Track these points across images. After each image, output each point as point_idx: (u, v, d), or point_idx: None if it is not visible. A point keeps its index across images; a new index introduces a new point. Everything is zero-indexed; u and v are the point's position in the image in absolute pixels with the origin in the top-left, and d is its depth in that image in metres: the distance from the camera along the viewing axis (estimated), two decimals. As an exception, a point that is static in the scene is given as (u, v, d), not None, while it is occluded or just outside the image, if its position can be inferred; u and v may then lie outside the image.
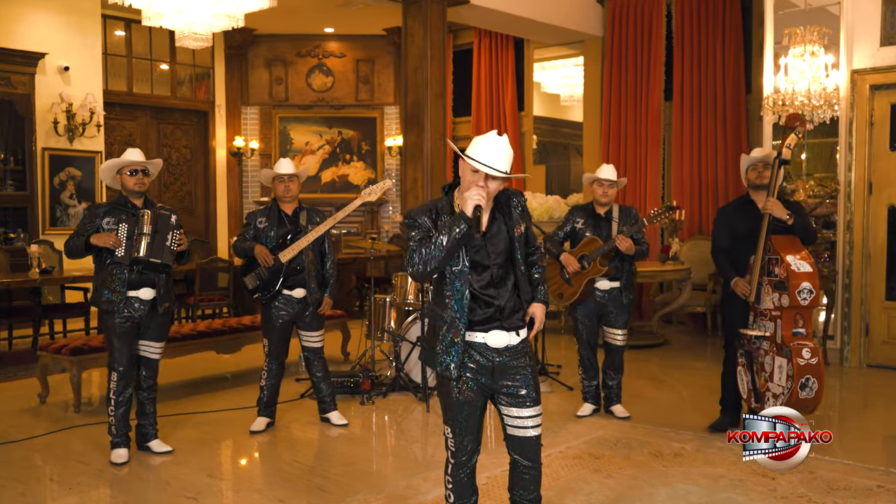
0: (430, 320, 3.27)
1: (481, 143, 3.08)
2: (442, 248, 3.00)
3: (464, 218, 2.98)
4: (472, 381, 3.16)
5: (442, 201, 3.22)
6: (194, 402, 6.36)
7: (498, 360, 3.16)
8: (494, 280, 3.14)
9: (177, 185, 12.25)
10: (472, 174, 3.07)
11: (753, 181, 5.34)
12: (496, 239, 3.17)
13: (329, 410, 5.71)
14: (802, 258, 4.98)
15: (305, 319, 5.54)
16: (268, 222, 5.50)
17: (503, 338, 3.16)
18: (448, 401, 3.21)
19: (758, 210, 5.27)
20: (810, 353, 4.89)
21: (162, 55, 12.06)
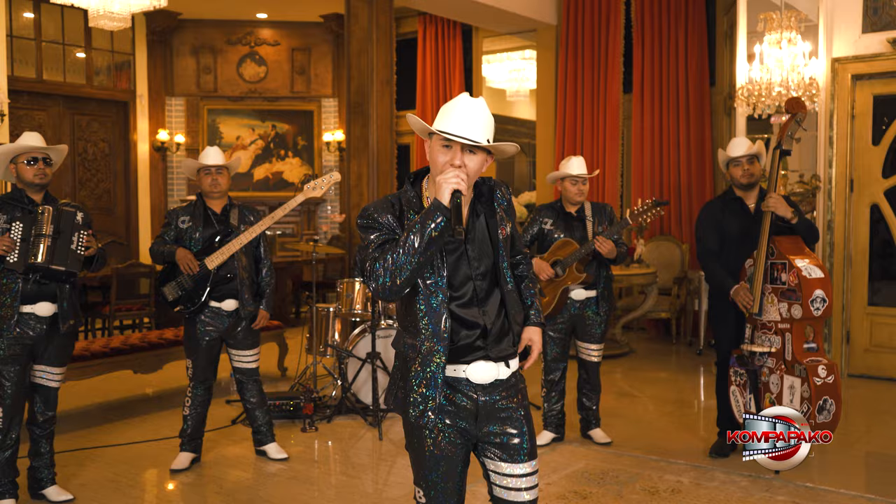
0: (397, 353, 2.55)
1: (451, 110, 2.38)
2: (414, 251, 2.27)
3: (439, 208, 2.27)
4: (451, 430, 2.45)
5: (407, 194, 2.49)
6: (105, 432, 5.44)
7: (483, 400, 2.46)
8: (478, 295, 2.44)
9: (93, 182, 11.16)
10: (443, 152, 2.36)
11: (739, 180, 4.70)
12: (478, 242, 2.46)
13: (266, 442, 4.88)
14: (813, 262, 4.37)
15: (237, 336, 4.70)
16: (192, 222, 4.65)
17: (490, 370, 2.45)
18: (420, 456, 2.48)
19: (747, 208, 4.67)
20: (826, 370, 4.28)
21: (76, 40, 10.95)
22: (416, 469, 2.53)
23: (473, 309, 2.42)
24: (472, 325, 2.42)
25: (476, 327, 2.42)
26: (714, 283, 4.74)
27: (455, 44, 10.89)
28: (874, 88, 6.86)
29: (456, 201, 2.28)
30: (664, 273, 8.68)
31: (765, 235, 4.46)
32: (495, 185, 2.56)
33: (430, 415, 2.40)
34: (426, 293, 2.39)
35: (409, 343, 2.45)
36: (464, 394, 2.44)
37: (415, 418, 2.42)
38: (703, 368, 7.51)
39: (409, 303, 2.44)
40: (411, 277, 2.31)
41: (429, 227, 2.26)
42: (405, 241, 2.28)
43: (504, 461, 2.47)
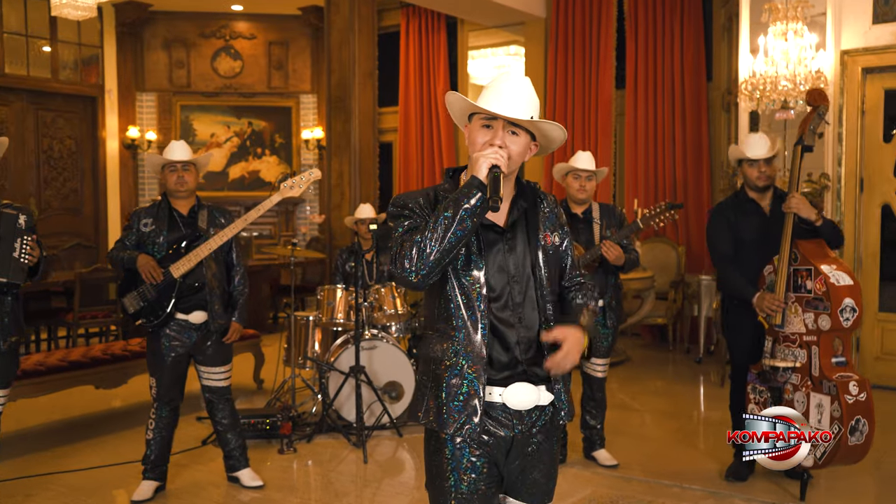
0: (424, 358, 2.23)
1: (494, 87, 2.14)
2: (444, 229, 2.01)
3: (475, 183, 2.03)
4: (482, 464, 2.13)
5: (443, 186, 2.24)
6: (62, 455, 4.94)
7: (518, 430, 2.15)
8: (514, 300, 2.15)
9: (59, 182, 10.59)
10: (483, 133, 2.13)
11: (755, 182, 4.30)
12: (518, 244, 2.20)
13: (238, 468, 4.41)
14: (840, 268, 3.98)
15: (206, 352, 4.23)
16: (155, 225, 4.17)
17: (530, 394, 2.15)
18: (444, 492, 2.14)
19: (762, 210, 4.28)
20: (858, 387, 3.90)
21: (41, 32, 10.39)
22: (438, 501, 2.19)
23: (508, 313, 2.14)
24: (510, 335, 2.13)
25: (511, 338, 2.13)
26: (732, 290, 4.33)
27: (439, 38, 10.44)
28: (885, 82, 6.49)
29: (495, 173, 2.03)
30: (660, 277, 8.29)
31: (787, 239, 4.07)
32: (540, 191, 2.30)
33: (474, 423, 2.09)
34: (462, 286, 2.12)
35: (443, 347, 2.14)
36: (496, 420, 2.14)
37: (455, 428, 2.10)
38: (702, 378, 7.13)
39: (439, 299, 2.16)
40: (440, 261, 2.03)
41: (463, 203, 2.02)
42: (436, 220, 2.02)
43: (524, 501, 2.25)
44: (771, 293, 4.09)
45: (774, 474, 4.45)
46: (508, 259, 2.17)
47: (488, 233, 2.17)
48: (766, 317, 4.14)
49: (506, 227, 2.19)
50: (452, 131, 10.42)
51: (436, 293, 2.17)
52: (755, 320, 4.26)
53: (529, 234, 2.21)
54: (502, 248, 2.17)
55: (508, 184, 2.21)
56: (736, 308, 4.39)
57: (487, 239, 2.16)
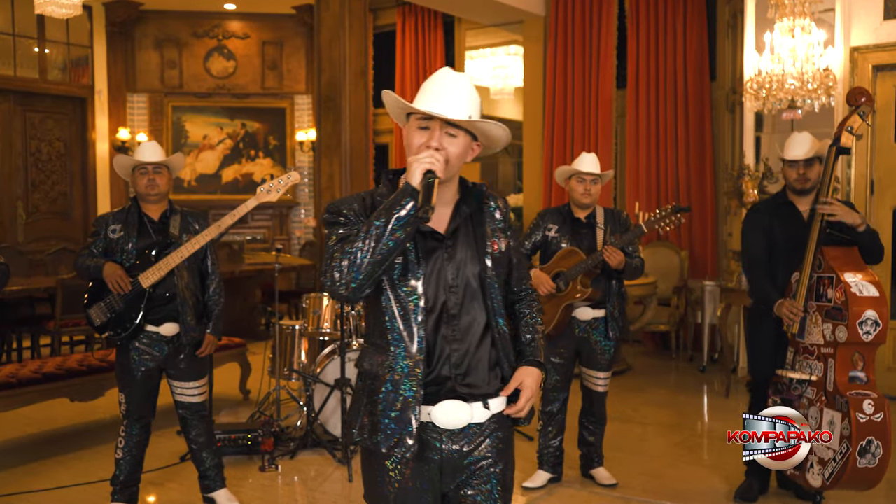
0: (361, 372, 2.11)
1: (430, 86, 2.04)
2: (376, 238, 1.89)
3: (408, 191, 1.91)
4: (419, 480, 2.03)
5: (380, 189, 2.11)
6: (31, 473, 4.69)
7: (449, 449, 2.05)
8: (449, 312, 2.02)
9: (48, 185, 10.34)
10: (419, 134, 2.01)
11: (793, 184, 4.05)
12: (458, 252, 2.07)
13: (214, 488, 4.15)
14: (866, 279, 3.71)
15: (179, 366, 3.97)
16: (125, 231, 3.92)
17: (460, 412, 2.02)
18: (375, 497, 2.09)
19: (800, 214, 4.02)
20: (873, 406, 3.62)
21: (28, 31, 10.16)
22: None
23: (443, 329, 2.02)
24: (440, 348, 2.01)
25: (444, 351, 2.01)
26: (758, 296, 4.08)
27: (436, 37, 10.19)
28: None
29: (428, 180, 1.91)
30: (662, 282, 8.03)
31: (812, 244, 3.81)
32: (489, 192, 2.17)
33: (408, 441, 1.97)
34: (398, 298, 2.01)
35: (377, 362, 2.04)
36: (426, 442, 2.02)
37: (388, 448, 1.99)
38: (706, 387, 6.87)
39: (375, 312, 2.06)
40: (372, 273, 1.93)
41: (395, 212, 1.90)
42: (367, 230, 1.91)
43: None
44: (791, 300, 3.84)
45: (785, 496, 4.20)
46: (447, 268, 2.04)
47: (427, 240, 2.04)
48: (787, 326, 3.88)
49: (446, 234, 2.06)
50: (449, 132, 10.17)
51: (372, 305, 2.06)
52: (780, 329, 4.01)
53: (477, 242, 2.09)
54: (441, 255, 2.05)
55: (450, 188, 2.08)
56: (761, 315, 4.13)
57: (426, 247, 2.04)
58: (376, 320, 2.06)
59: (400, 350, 2.00)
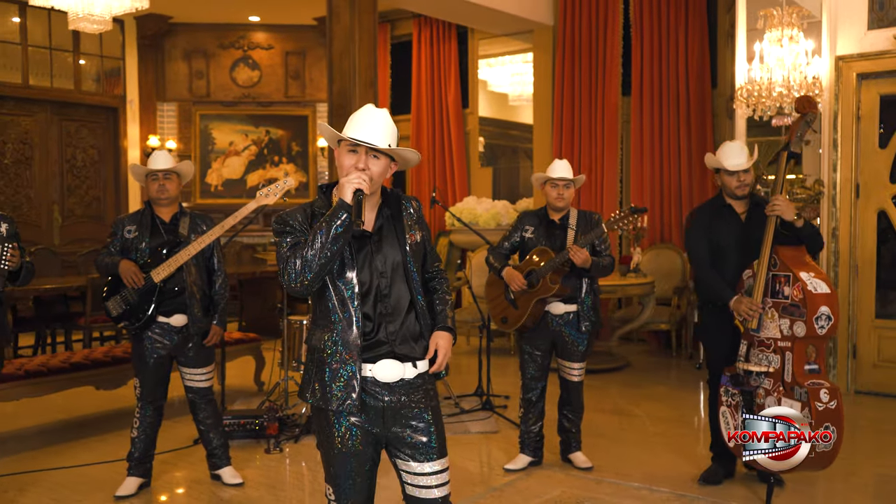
0: (310, 347, 2.61)
1: (357, 119, 2.54)
2: (321, 246, 2.40)
3: (343, 206, 2.41)
4: (357, 429, 2.54)
5: (318, 202, 2.62)
6: (57, 453, 5.14)
7: (388, 400, 2.55)
8: (381, 291, 2.55)
9: (82, 190, 10.92)
10: (349, 157, 2.52)
11: (734, 192, 4.35)
12: (383, 245, 2.59)
13: (220, 466, 4.56)
14: (818, 276, 4.00)
15: (187, 353, 4.39)
16: (139, 231, 4.36)
17: (395, 369, 2.54)
18: (330, 452, 2.57)
19: (738, 216, 4.32)
20: (829, 395, 3.91)
21: (64, 44, 10.74)
22: (326, 466, 2.60)
23: (378, 306, 2.53)
24: (377, 323, 2.52)
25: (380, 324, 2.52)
26: (710, 293, 4.38)
27: (450, 46, 10.57)
28: (881, 88, 6.48)
29: (358, 198, 2.40)
30: (665, 282, 8.31)
31: (767, 244, 4.11)
32: (404, 196, 2.70)
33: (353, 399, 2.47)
34: (337, 288, 2.50)
35: (325, 338, 2.52)
36: (370, 393, 2.52)
37: (337, 405, 2.48)
38: (702, 384, 7.13)
39: (320, 299, 2.54)
40: (320, 273, 2.42)
41: (334, 224, 2.39)
42: (313, 239, 2.40)
43: (414, 461, 2.57)
44: (749, 297, 4.13)
45: (749, 479, 4.49)
46: (375, 258, 2.55)
47: (358, 239, 2.56)
48: (743, 321, 4.18)
49: (372, 231, 2.58)
50: (462, 138, 10.55)
51: (318, 293, 2.54)
52: (732, 324, 4.31)
53: (398, 236, 2.59)
54: (370, 249, 2.55)
55: (374, 197, 2.58)
56: (713, 312, 4.43)
57: (357, 244, 2.55)
58: (322, 306, 2.55)
59: (341, 328, 2.50)
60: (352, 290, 2.49)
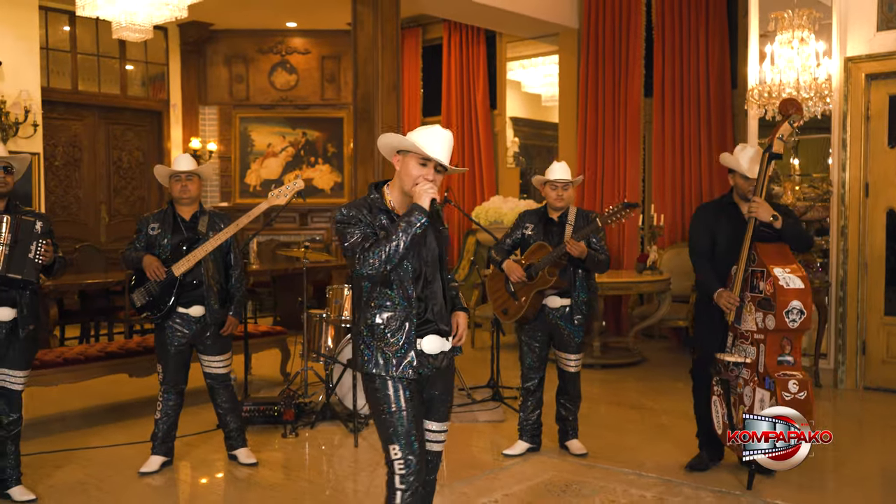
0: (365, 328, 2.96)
1: (430, 137, 2.89)
2: (403, 245, 2.81)
3: (421, 211, 2.83)
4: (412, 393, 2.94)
5: (373, 197, 3.00)
6: (93, 434, 5.55)
7: (430, 367, 2.98)
8: (428, 279, 2.99)
9: (128, 190, 11.44)
10: (418, 167, 2.89)
11: (745, 193, 4.52)
12: (428, 239, 3.01)
13: (237, 447, 4.91)
14: (793, 271, 4.19)
15: (206, 342, 4.75)
16: (161, 229, 4.73)
17: (438, 343, 2.98)
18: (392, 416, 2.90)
19: (742, 215, 4.49)
20: (798, 386, 4.10)
21: (111, 51, 11.26)
22: (387, 430, 2.90)
23: (426, 290, 2.96)
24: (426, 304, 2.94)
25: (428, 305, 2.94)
26: (702, 286, 4.60)
27: (479, 49, 10.83)
28: (890, 88, 6.57)
29: (434, 207, 2.85)
30: (685, 280, 8.44)
31: (747, 241, 4.30)
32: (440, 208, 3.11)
33: (413, 366, 2.90)
34: (397, 274, 2.90)
35: (386, 316, 2.90)
36: (419, 363, 2.92)
37: (402, 370, 2.89)
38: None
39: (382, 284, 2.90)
40: (397, 262, 2.84)
41: (415, 226, 2.81)
42: (397, 237, 2.80)
43: (431, 420, 3.06)
44: (729, 291, 4.33)
45: (734, 467, 4.67)
46: (423, 250, 2.96)
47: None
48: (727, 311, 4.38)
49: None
50: (491, 139, 10.80)
51: (375, 279, 2.89)
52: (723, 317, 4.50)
53: (435, 232, 3.01)
54: (421, 242, 2.95)
55: None
56: (706, 304, 4.62)
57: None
58: (379, 290, 2.91)
59: (401, 308, 2.90)
60: (408, 275, 2.90)
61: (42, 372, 5.55)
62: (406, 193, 2.93)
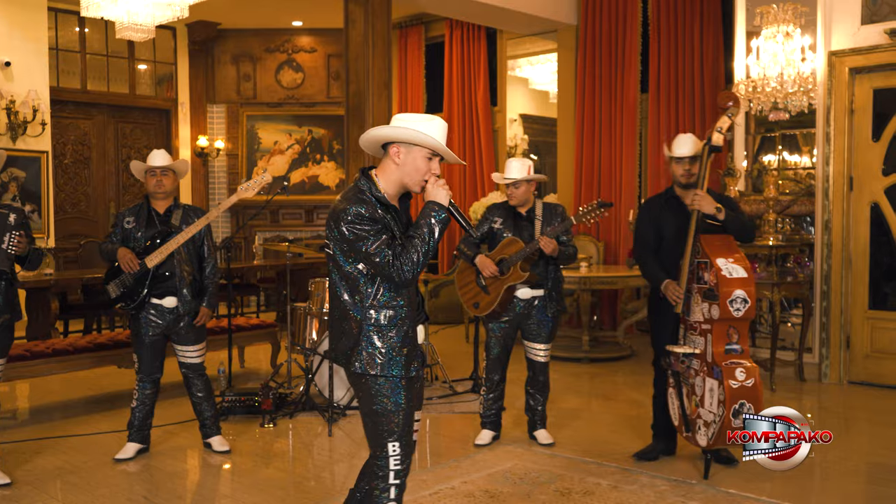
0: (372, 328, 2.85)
1: (432, 127, 2.79)
2: (434, 243, 2.77)
3: (443, 209, 2.78)
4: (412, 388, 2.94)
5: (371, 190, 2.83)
6: (79, 423, 5.71)
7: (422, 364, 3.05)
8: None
9: (136, 187, 11.67)
10: (426, 161, 2.80)
11: (679, 179, 4.60)
12: None
13: (211, 435, 5.05)
14: (736, 261, 4.24)
15: (180, 332, 4.88)
16: (136, 222, 4.86)
17: (421, 334, 3.00)
18: (399, 413, 2.86)
19: (685, 207, 4.54)
20: (745, 373, 4.15)
21: (120, 51, 11.50)
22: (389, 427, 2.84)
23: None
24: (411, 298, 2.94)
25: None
26: (648, 277, 4.66)
27: (479, 46, 10.91)
28: (874, 82, 6.55)
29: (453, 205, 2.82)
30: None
31: (691, 234, 4.36)
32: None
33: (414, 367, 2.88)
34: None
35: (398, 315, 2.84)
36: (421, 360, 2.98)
37: (415, 371, 2.89)
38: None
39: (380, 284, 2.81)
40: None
41: (440, 226, 2.77)
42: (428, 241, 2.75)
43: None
44: (675, 283, 4.39)
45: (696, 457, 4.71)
46: None
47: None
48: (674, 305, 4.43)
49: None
50: (491, 135, 10.87)
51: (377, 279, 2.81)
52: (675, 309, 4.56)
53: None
54: None
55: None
56: (658, 297, 4.66)
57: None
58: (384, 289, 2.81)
59: (403, 304, 2.85)
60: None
61: (31, 362, 5.73)
62: (405, 186, 2.84)
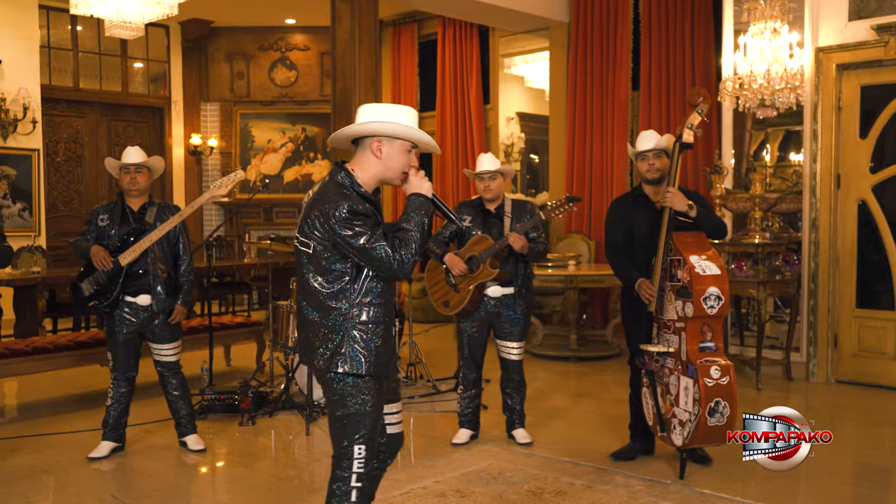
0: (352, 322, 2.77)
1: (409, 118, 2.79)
2: (425, 234, 2.76)
3: (428, 200, 2.79)
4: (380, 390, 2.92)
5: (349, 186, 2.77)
6: (59, 421, 5.69)
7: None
8: None
9: (130, 186, 11.66)
10: (405, 153, 2.80)
11: (644, 175, 4.56)
12: None
13: (186, 434, 5.02)
14: (709, 258, 4.19)
15: (155, 330, 4.85)
16: (110, 220, 4.84)
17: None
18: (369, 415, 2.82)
19: (653, 204, 4.49)
20: (720, 371, 4.10)
21: (113, 49, 11.49)
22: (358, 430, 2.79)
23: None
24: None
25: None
26: (619, 276, 4.62)
27: (472, 44, 10.86)
28: (861, 79, 6.50)
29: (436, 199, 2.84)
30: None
31: (663, 231, 4.31)
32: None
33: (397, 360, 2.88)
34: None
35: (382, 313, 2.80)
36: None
37: (389, 369, 2.87)
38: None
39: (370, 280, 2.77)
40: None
41: (428, 218, 2.77)
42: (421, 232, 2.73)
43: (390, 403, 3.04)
44: (648, 281, 4.35)
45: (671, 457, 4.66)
46: None
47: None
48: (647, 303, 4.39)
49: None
50: (483, 133, 10.82)
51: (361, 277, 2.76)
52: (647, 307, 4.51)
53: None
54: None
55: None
56: (630, 296, 4.61)
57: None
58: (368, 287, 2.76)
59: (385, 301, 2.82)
60: None
61: (9, 361, 5.71)
62: (384, 180, 2.81)
